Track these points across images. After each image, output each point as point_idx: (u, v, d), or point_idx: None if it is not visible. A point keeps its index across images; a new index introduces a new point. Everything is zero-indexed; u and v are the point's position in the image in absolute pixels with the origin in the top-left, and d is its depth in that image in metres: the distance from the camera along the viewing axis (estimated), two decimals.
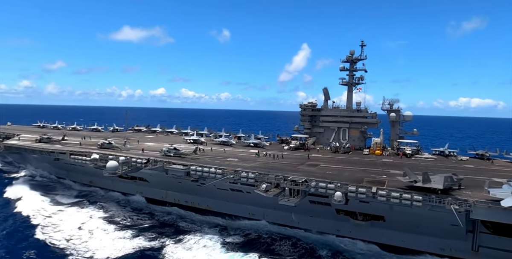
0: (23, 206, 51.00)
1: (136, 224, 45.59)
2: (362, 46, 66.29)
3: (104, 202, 53.82)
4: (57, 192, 59.97)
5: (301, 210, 41.10)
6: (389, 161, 52.79)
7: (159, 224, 45.81)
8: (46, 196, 56.23)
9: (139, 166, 46.41)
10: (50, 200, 54.87)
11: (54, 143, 64.21)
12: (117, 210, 50.28)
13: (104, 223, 45.26)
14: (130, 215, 48.84)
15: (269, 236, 41.96)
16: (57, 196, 56.97)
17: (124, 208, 51.48)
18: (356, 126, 65.91)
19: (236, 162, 48.60)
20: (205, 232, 42.43)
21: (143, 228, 44.17)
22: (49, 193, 58.76)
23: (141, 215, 48.92)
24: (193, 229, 43.62)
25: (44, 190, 60.23)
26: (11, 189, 59.92)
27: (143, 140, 73.44)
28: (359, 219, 38.96)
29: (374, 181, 37.51)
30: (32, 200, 53.84)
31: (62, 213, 49.01)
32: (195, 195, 50.36)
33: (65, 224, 44.72)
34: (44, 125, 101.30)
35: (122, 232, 42.42)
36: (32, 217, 47.08)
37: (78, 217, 47.52)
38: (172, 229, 44.04)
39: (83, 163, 53.14)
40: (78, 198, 56.86)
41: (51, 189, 61.58)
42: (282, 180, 36.90)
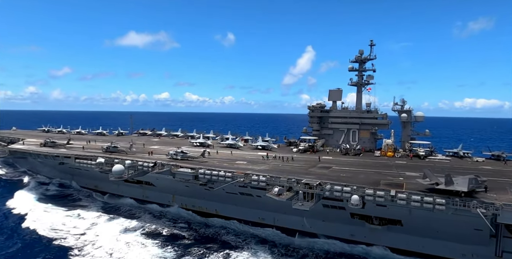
0: (44, 224, 46.05)
1: (175, 237, 43.10)
2: (371, 45, 64.83)
3: (137, 213, 51.04)
4: (80, 203, 56.42)
5: (313, 214, 39.51)
6: (402, 162, 51.08)
7: (200, 238, 43.18)
8: (69, 209, 52.37)
9: (146, 169, 45.14)
10: (77, 214, 50.66)
11: (59, 147, 63.26)
12: (151, 221, 47.80)
13: (140, 236, 42.69)
14: (167, 226, 46.16)
15: None
16: (80, 209, 52.75)
17: (159, 219, 48.88)
18: (366, 127, 64.25)
19: (245, 164, 47.20)
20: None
21: (186, 244, 41.17)
22: (72, 205, 55.02)
23: (180, 228, 45.99)
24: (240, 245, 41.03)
25: (64, 202, 56.58)
26: (26, 201, 55.81)
27: (148, 143, 72.28)
28: (375, 223, 37.34)
29: (391, 183, 35.90)
30: (55, 215, 49.98)
31: (95, 228, 45.32)
32: (203, 199, 49.02)
33: (101, 240, 41.57)
34: (49, 129, 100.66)
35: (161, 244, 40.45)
36: (61, 237, 42.48)
37: (111, 231, 44.19)
38: (217, 244, 41.37)
39: (88, 167, 52.04)
40: (104, 209, 53.00)
41: (72, 201, 57.85)
42: (295, 183, 35.41)
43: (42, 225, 45.63)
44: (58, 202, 56.54)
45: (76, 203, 56.82)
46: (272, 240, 42.29)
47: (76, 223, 47.18)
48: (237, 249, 39.80)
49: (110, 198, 57.86)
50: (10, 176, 75.85)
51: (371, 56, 64.93)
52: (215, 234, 44.15)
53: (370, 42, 64.99)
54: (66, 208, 53.11)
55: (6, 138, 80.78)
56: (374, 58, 64.86)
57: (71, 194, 61.57)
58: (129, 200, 56.15)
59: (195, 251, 39.14)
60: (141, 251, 38.80)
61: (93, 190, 61.43)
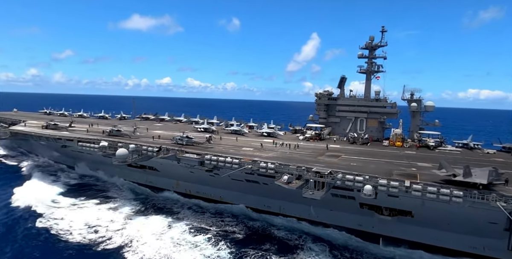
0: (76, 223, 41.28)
1: (225, 233, 39.88)
2: (382, 32, 62.48)
3: (175, 208, 47.03)
4: (108, 193, 52.52)
5: (321, 204, 38.61)
6: (412, 153, 49.94)
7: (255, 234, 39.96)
8: (101, 202, 48.41)
9: (150, 154, 44.13)
10: (111, 207, 46.63)
11: (61, 130, 62.23)
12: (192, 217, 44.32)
13: (187, 233, 39.31)
14: (213, 221, 43.01)
15: None
16: (114, 202, 48.77)
17: (202, 214, 45.35)
18: (374, 116, 62.81)
19: (252, 151, 46.13)
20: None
21: (238, 240, 38.36)
22: (103, 196, 50.97)
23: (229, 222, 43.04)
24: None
25: (94, 193, 52.38)
26: (47, 191, 51.86)
27: (151, 127, 71.21)
28: (384, 214, 36.44)
29: (404, 174, 34.84)
30: (93, 210, 45.58)
31: (133, 223, 41.43)
32: (208, 185, 48.16)
33: (145, 237, 38.17)
34: (51, 112, 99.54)
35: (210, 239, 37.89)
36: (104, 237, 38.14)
37: (154, 227, 40.42)
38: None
39: (91, 151, 51.07)
40: (137, 201, 49.21)
41: (100, 191, 53.64)
42: (304, 171, 34.35)
43: (75, 224, 40.86)
44: (76, 192, 52.46)
45: (99, 193, 52.66)
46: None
47: (110, 217, 43.41)
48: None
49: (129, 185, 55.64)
50: (14, 161, 72.73)
51: (382, 43, 62.81)
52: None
53: (381, 28, 62.61)
54: (89, 199, 49.17)
55: (7, 119, 79.75)
56: (385, 45, 62.65)
57: (88, 183, 57.53)
58: (168, 194, 52.33)
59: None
60: (191, 252, 35.66)
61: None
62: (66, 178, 59.33)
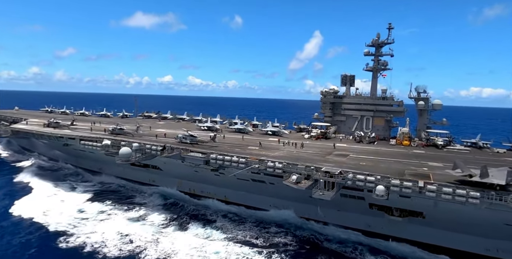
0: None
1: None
2: (389, 28, 61.38)
3: (209, 215, 43.73)
4: (135, 199, 48.99)
5: (329, 204, 37.61)
6: (421, 152, 48.88)
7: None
8: (129, 209, 44.87)
9: (154, 153, 43.20)
10: (140, 215, 43.03)
11: (63, 128, 61.34)
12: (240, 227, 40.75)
13: (232, 245, 36.23)
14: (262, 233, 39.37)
15: None
16: (143, 209, 45.21)
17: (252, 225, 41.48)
18: (381, 115, 61.79)
19: (258, 150, 45.18)
20: None
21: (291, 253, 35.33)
22: (129, 203, 47.24)
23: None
24: None
25: (118, 199, 49.02)
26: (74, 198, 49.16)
27: (154, 126, 70.28)
28: (395, 214, 35.51)
29: (416, 174, 33.84)
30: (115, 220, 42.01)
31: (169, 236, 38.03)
32: (212, 185, 47.28)
33: (185, 250, 34.99)
34: (52, 110, 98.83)
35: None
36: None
37: (192, 239, 37.45)
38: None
39: (94, 149, 50.20)
40: (167, 208, 46.17)
41: (124, 196, 50.33)
42: (314, 171, 33.39)
43: (107, 236, 37.44)
44: (100, 199, 48.81)
45: (124, 199, 49.36)
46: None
47: (142, 228, 39.81)
48: None
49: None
50: (17, 160, 71.08)
51: (389, 40, 61.70)
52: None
53: (388, 25, 61.53)
54: (115, 206, 45.62)
55: (8, 117, 78.97)
56: (392, 42, 61.59)
57: (110, 189, 54.29)
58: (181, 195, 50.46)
59: None
60: None
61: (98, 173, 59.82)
62: (82, 182, 56.93)
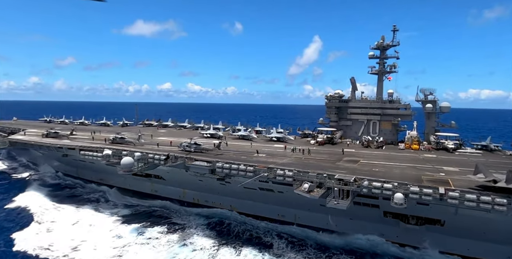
0: None
1: None
2: (394, 31, 60.39)
3: (263, 236, 39.50)
4: (172, 219, 44.40)
5: (340, 212, 35.99)
6: (432, 156, 47.30)
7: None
8: (170, 231, 40.88)
9: (157, 162, 41.58)
10: (185, 239, 38.51)
11: (62, 138, 59.73)
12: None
13: None
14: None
15: None
16: (185, 231, 40.88)
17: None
18: (388, 118, 60.36)
19: (265, 157, 43.57)
20: None
21: None
22: (167, 223, 43.06)
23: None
24: None
25: (154, 219, 44.62)
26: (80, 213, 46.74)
27: (155, 134, 68.72)
28: (411, 223, 33.92)
29: (434, 179, 32.22)
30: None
31: None
32: (218, 194, 45.62)
33: None
34: (51, 120, 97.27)
35: None
36: None
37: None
38: None
39: (94, 159, 48.56)
40: (211, 229, 41.67)
41: (157, 215, 45.96)
42: (326, 178, 31.76)
43: None
44: (133, 218, 44.78)
45: (160, 219, 44.76)
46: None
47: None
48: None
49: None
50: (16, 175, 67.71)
51: (394, 43, 60.63)
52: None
53: (393, 27, 60.61)
54: (153, 228, 41.75)
55: (6, 128, 77.35)
56: (397, 44, 60.55)
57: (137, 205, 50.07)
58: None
59: None
60: None
61: (99, 183, 58.10)
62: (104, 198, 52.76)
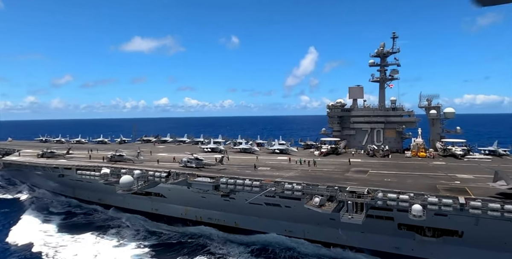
0: None
1: None
2: (393, 38, 60.09)
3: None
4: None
5: (352, 226, 34.20)
6: (441, 163, 45.85)
7: None
8: None
9: (158, 180, 39.79)
10: None
11: (58, 158, 57.81)
12: None
13: None
14: None
15: None
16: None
17: None
18: (392, 126, 59.22)
19: (270, 171, 41.92)
20: None
21: None
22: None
23: None
24: None
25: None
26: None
27: (154, 150, 67.01)
28: (427, 235, 32.08)
29: (451, 188, 30.65)
30: None
31: None
32: (221, 211, 43.66)
33: None
34: (47, 139, 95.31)
35: None
36: None
37: None
38: None
39: (92, 179, 46.67)
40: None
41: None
42: (338, 191, 30.11)
43: None
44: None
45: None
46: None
47: None
48: None
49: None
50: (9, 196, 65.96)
51: (394, 50, 60.16)
52: None
53: (392, 34, 60.30)
54: None
55: (1, 149, 75.22)
56: (398, 51, 60.17)
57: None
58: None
59: None
60: None
61: (97, 204, 55.93)
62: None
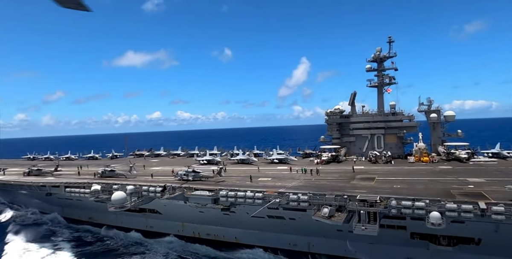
0: None
1: None
2: (390, 42, 59.42)
3: None
4: None
5: (360, 236, 32.03)
6: (447, 167, 44.23)
7: None
8: None
9: (152, 195, 37.27)
10: None
11: (45, 175, 54.79)
12: None
13: None
14: None
15: None
16: None
17: None
18: (392, 131, 57.80)
19: (271, 181, 39.73)
20: None
21: None
22: None
23: None
24: None
25: None
26: None
27: (148, 164, 64.34)
28: (443, 243, 30.01)
29: (466, 193, 28.81)
30: None
31: None
32: (220, 226, 41.09)
33: None
34: (35, 157, 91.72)
35: None
36: None
37: None
38: None
39: (81, 197, 43.81)
40: None
41: None
42: (347, 200, 28.04)
43: None
44: None
45: None
46: None
47: None
48: None
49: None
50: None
51: (391, 54, 59.36)
52: None
53: (388, 39, 59.67)
54: None
55: None
56: (394, 55, 59.33)
57: None
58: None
59: None
60: None
61: (88, 223, 52.71)
62: None
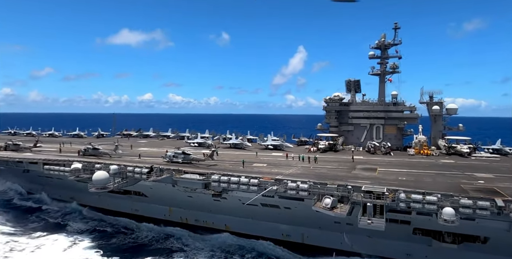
0: None
1: None
2: (395, 29, 56.52)
3: None
4: None
5: (358, 229, 30.05)
6: (450, 161, 42.43)
7: None
8: None
9: (138, 176, 34.46)
10: None
11: (23, 151, 51.29)
12: None
13: None
14: None
15: None
16: None
17: None
18: (392, 122, 55.65)
19: (267, 167, 37.27)
20: None
21: None
22: None
23: None
24: None
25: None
26: None
27: (136, 145, 61.20)
28: (447, 241, 28.24)
29: (479, 189, 26.82)
30: None
31: None
32: (210, 212, 38.72)
33: None
34: (16, 132, 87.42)
35: None
36: None
37: None
38: None
39: (61, 175, 40.76)
40: None
41: None
42: (351, 191, 25.75)
43: None
44: None
45: None
46: None
47: None
48: None
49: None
50: None
51: (396, 41, 56.60)
52: None
53: (394, 25, 56.67)
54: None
55: None
56: (399, 43, 56.59)
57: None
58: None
59: None
60: None
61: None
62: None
